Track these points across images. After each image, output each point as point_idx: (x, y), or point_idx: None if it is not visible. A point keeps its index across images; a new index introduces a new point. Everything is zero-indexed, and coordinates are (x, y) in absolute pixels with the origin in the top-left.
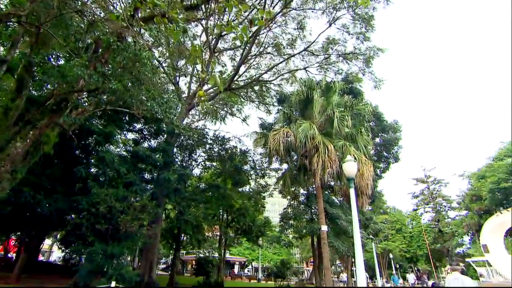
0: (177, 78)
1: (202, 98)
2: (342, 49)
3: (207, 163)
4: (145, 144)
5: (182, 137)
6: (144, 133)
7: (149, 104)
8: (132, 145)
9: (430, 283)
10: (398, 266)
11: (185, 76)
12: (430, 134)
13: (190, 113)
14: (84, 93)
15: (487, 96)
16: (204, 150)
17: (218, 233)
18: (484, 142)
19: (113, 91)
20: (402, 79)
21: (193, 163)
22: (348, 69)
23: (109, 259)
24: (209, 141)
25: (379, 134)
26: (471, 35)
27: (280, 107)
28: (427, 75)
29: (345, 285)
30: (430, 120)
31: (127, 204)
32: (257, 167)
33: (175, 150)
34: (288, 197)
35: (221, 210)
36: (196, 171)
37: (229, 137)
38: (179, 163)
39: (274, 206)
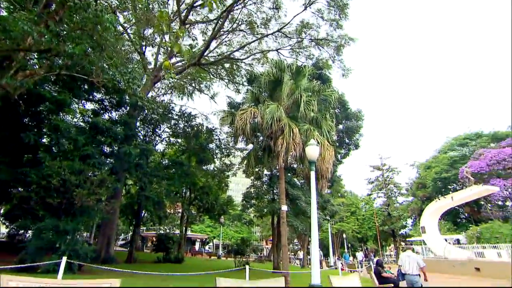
0: (144, 48)
1: (169, 70)
2: (315, 34)
3: (172, 139)
4: (106, 116)
5: (146, 110)
6: (105, 103)
7: (110, 73)
8: (91, 115)
9: (375, 260)
10: (350, 245)
11: (152, 47)
12: (390, 124)
13: (156, 86)
14: (34, 54)
15: (444, 92)
16: (169, 125)
17: (180, 210)
18: (438, 135)
19: (70, 54)
20: (367, 69)
21: (157, 138)
22: (319, 55)
23: (62, 235)
24: (175, 117)
25: (343, 121)
26: (432, 34)
27: (249, 87)
28: (391, 68)
29: (301, 262)
30: (390, 111)
31: (83, 178)
32: (223, 146)
33: (138, 123)
34: (252, 177)
35: (184, 188)
36: (160, 147)
37: (196, 114)
38: (141, 137)
39: (238, 186)
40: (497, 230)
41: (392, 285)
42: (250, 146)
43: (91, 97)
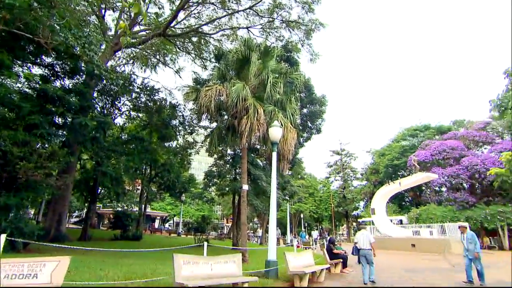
0: (103, 11)
1: (125, 32)
2: (287, 16)
3: (132, 113)
4: (57, 83)
5: (105, 80)
6: (56, 69)
7: (62, 35)
8: (40, 82)
9: (328, 238)
10: (306, 225)
11: (113, 11)
12: (352, 111)
13: (117, 55)
14: None
15: (405, 83)
16: (130, 98)
17: (140, 187)
18: (394, 124)
19: (8, 6)
20: (333, 56)
21: (116, 111)
22: (289, 37)
23: (2, 211)
24: (136, 90)
25: (307, 106)
26: (396, 26)
27: (216, 64)
28: (355, 56)
29: (260, 240)
30: (353, 99)
31: (29, 150)
32: (186, 123)
33: (95, 94)
34: (215, 156)
35: (144, 164)
36: (119, 121)
37: (159, 88)
38: (99, 109)
39: (201, 164)
40: (432, 212)
41: (342, 260)
42: (214, 125)
43: (38, 60)
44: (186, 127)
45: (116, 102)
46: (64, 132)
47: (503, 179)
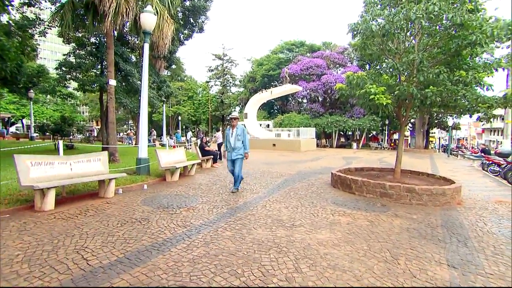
0: None
1: None
2: None
3: None
4: None
5: None
6: None
7: None
8: None
9: (201, 137)
10: (184, 127)
11: None
12: (238, 15)
13: None
14: None
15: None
16: None
17: None
18: (277, 36)
19: None
20: None
21: None
22: None
23: None
24: None
25: None
26: None
27: None
28: None
29: (133, 142)
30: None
31: None
32: None
33: None
34: (73, 43)
35: None
36: None
37: None
38: None
39: (56, 55)
40: (292, 119)
41: (212, 156)
42: None
43: None
44: None
45: None
46: None
47: (342, 93)
